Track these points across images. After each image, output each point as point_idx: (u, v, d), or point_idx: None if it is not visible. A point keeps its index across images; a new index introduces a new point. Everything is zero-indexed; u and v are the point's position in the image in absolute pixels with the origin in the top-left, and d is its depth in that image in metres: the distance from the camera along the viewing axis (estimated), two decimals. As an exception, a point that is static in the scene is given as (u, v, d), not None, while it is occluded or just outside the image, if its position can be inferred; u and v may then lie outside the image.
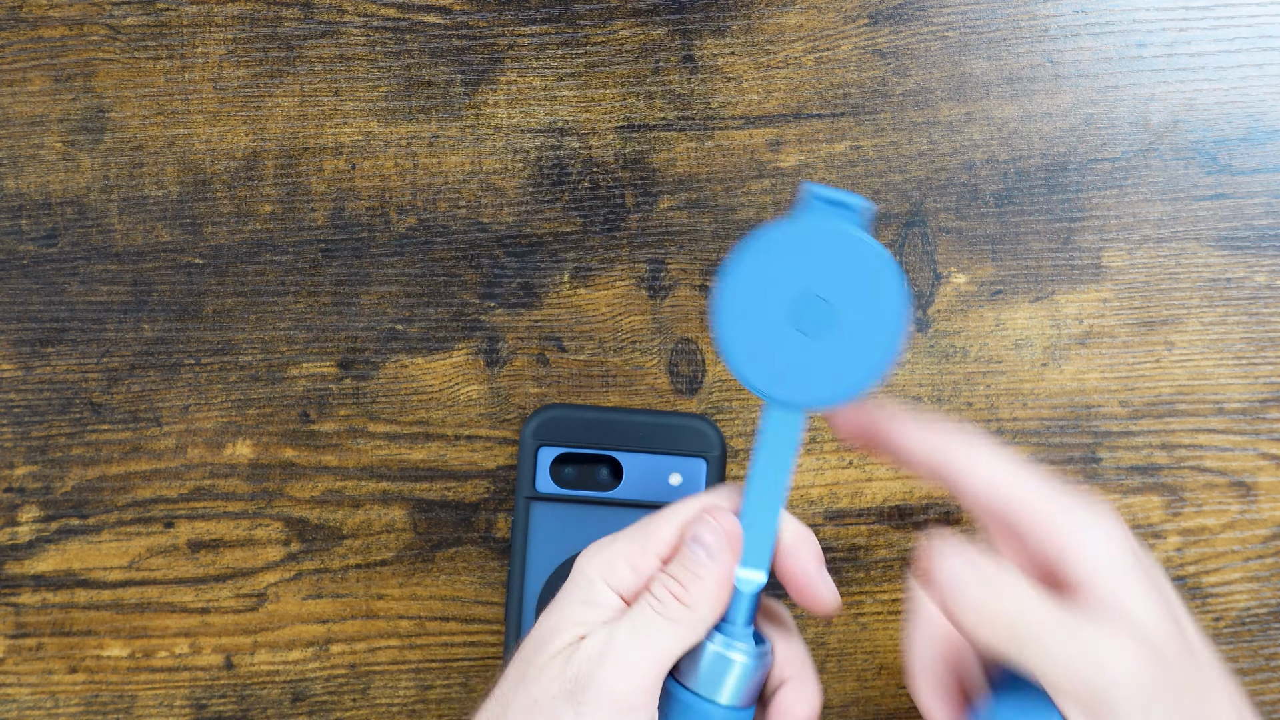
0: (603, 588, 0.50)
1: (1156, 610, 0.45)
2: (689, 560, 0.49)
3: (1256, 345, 0.65)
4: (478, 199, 0.66)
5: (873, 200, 0.65)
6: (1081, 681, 0.44)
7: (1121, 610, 0.45)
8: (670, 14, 0.65)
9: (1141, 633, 0.44)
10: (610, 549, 0.50)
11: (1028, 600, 0.45)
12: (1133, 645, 0.44)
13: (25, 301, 0.66)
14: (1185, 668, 0.45)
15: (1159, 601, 0.46)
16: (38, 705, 0.66)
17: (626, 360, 0.66)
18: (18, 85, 0.66)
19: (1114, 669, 0.43)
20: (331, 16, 0.66)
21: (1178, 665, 0.45)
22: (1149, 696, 0.44)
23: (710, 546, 0.49)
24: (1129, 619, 0.45)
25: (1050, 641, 0.44)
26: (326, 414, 0.66)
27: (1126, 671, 0.44)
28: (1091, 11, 0.65)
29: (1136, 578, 0.46)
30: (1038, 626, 0.44)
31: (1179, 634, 0.46)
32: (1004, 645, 0.45)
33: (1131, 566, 0.46)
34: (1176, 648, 0.45)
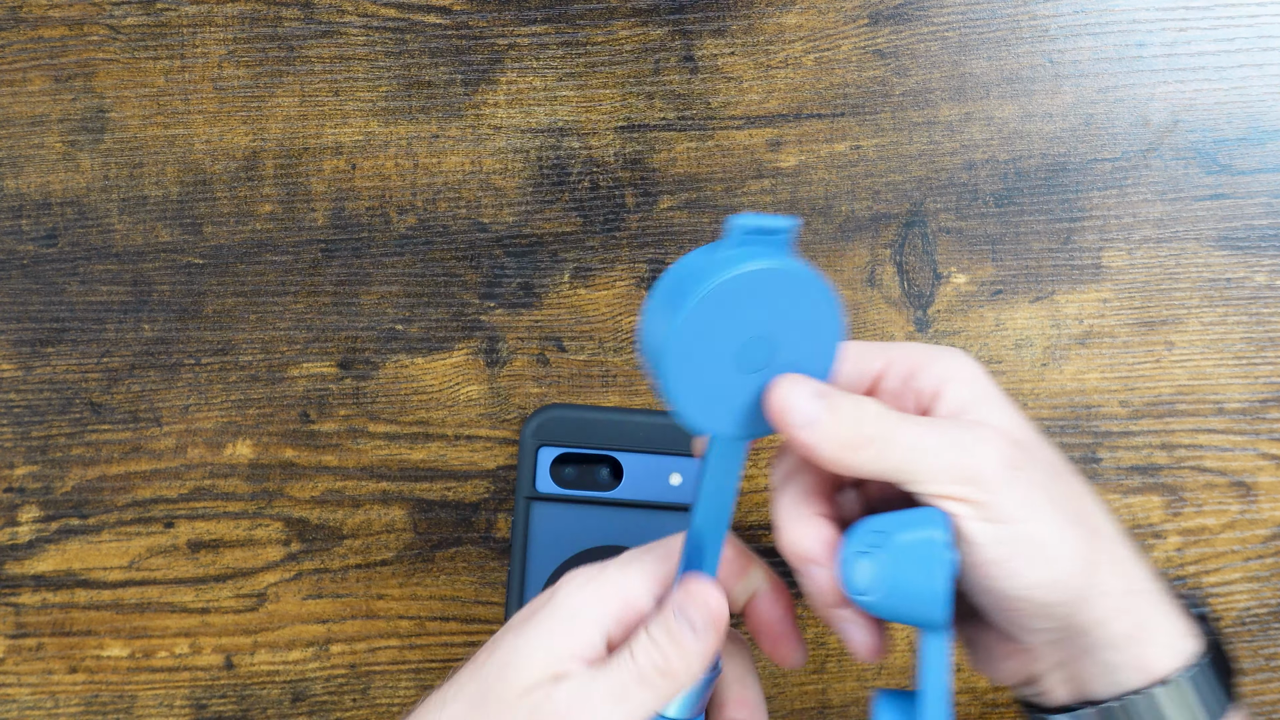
0: (588, 625, 0.50)
1: (1017, 419, 0.50)
2: (675, 634, 0.50)
3: (1256, 345, 0.65)
4: (478, 199, 0.66)
5: (796, 217, 0.65)
6: (954, 468, 0.47)
7: (987, 419, 0.50)
8: (670, 14, 0.65)
9: (1005, 431, 0.49)
10: (602, 586, 0.50)
11: (889, 415, 0.48)
12: (997, 436, 0.48)
13: (25, 301, 0.66)
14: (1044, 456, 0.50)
15: (1018, 415, 0.50)
16: (38, 705, 0.66)
17: (626, 360, 0.66)
18: (18, 85, 0.66)
19: (983, 452, 0.48)
20: (331, 16, 0.66)
21: (1038, 453, 0.50)
22: (1014, 469, 0.48)
23: (697, 625, 0.50)
24: (994, 423, 0.49)
25: (922, 443, 0.48)
26: (326, 414, 0.66)
27: (994, 451, 0.48)
28: (1091, 11, 0.65)
29: (998, 399, 0.50)
30: (906, 433, 0.48)
31: (1037, 437, 0.50)
32: (873, 460, 0.48)
33: (994, 392, 0.50)
34: (1036, 443, 0.50)
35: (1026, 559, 0.48)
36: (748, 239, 0.46)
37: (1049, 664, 0.52)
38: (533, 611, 0.51)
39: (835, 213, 0.65)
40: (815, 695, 0.65)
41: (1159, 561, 0.65)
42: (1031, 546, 0.48)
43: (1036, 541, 0.48)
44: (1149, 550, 0.65)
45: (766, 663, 0.65)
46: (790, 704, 0.65)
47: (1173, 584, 0.54)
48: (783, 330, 0.47)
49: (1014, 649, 0.53)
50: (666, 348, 0.46)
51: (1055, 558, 0.49)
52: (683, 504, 0.64)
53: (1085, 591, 0.49)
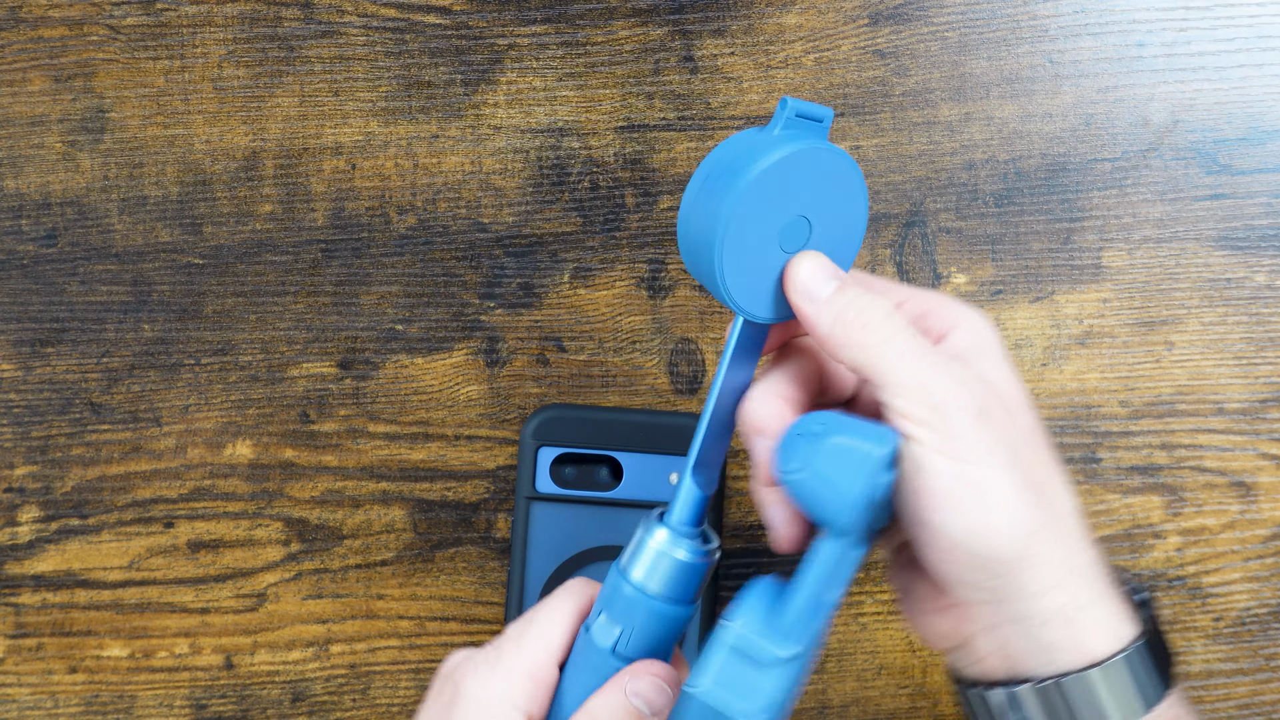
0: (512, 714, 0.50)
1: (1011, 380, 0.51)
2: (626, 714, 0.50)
3: (1256, 345, 0.65)
4: (478, 199, 0.66)
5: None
6: (927, 392, 0.48)
7: (982, 369, 0.50)
8: (670, 14, 0.65)
9: (992, 382, 0.50)
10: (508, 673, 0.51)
11: (895, 319, 0.49)
12: (979, 382, 0.49)
13: (25, 301, 0.66)
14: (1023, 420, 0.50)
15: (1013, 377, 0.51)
16: (38, 705, 0.66)
17: (626, 360, 0.66)
18: (18, 85, 0.66)
19: (960, 391, 0.48)
20: (331, 16, 0.66)
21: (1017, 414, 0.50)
22: (984, 415, 0.48)
23: (655, 706, 0.50)
24: (985, 374, 0.50)
25: (909, 357, 0.48)
26: (326, 414, 0.66)
27: (969, 394, 0.48)
28: (1091, 11, 0.65)
29: (999, 357, 0.51)
30: (901, 342, 0.49)
31: (1024, 401, 0.51)
32: (859, 350, 0.49)
33: (997, 350, 0.51)
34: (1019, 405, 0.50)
35: (969, 500, 0.48)
36: (795, 122, 0.48)
37: (980, 626, 0.51)
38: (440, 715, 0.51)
39: (835, 213, 0.65)
40: (815, 695, 0.65)
41: (1159, 561, 0.65)
42: (977, 490, 0.48)
43: (983, 487, 0.48)
44: (1149, 550, 0.65)
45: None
46: (790, 704, 0.65)
47: (1122, 570, 0.54)
48: (819, 213, 0.49)
49: (946, 604, 0.52)
50: (723, 220, 0.47)
51: (997, 508, 0.48)
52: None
53: (1022, 553, 0.49)
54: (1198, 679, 0.65)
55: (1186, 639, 0.65)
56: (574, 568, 0.64)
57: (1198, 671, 0.65)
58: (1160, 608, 0.63)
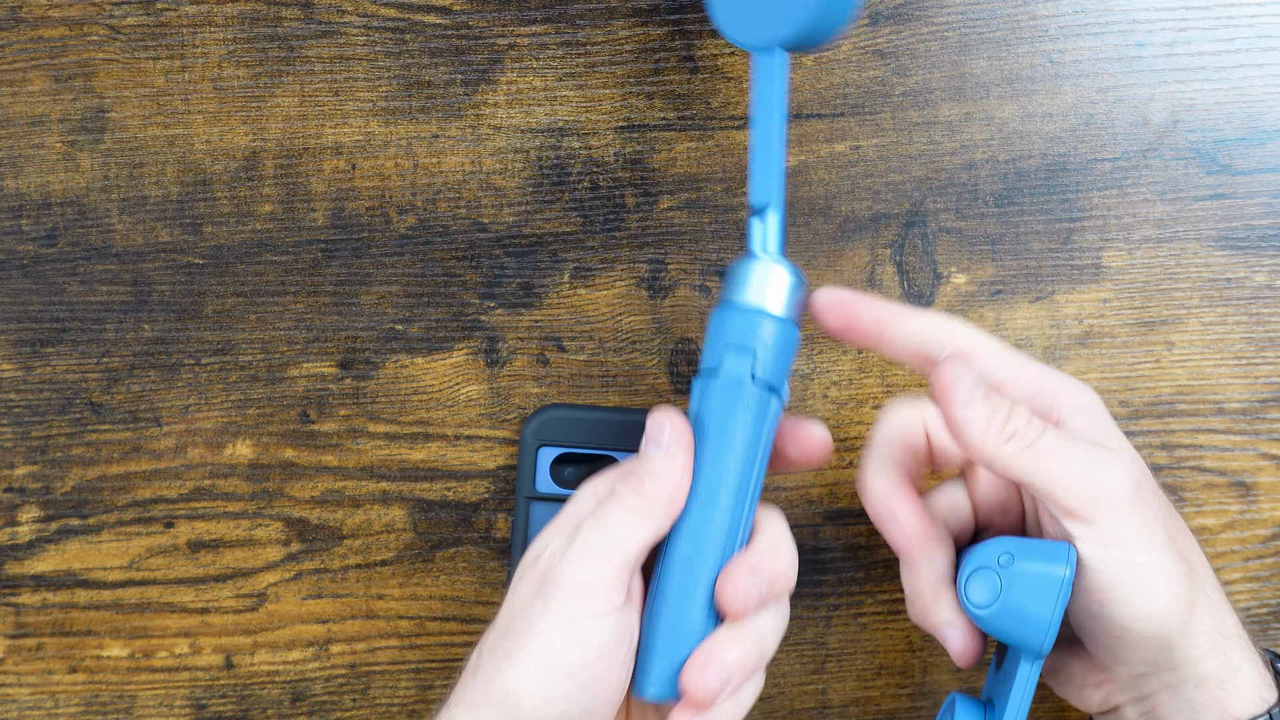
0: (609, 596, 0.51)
1: (1134, 454, 0.53)
2: (646, 460, 0.52)
3: (1256, 345, 0.65)
4: (478, 199, 0.66)
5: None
6: (1087, 484, 0.50)
7: (1109, 444, 0.52)
8: (670, 14, 0.65)
9: (1127, 455, 0.52)
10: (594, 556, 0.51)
11: (1037, 421, 0.51)
12: (1128, 461, 0.51)
13: (25, 301, 0.66)
14: (1157, 491, 0.53)
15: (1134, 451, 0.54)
16: (38, 705, 0.66)
17: (626, 360, 0.66)
18: (18, 85, 0.66)
19: (1114, 475, 0.50)
20: (331, 16, 0.66)
21: (1152, 488, 0.52)
22: (1138, 496, 0.50)
23: (665, 445, 0.52)
24: (1117, 449, 0.52)
25: (1061, 453, 0.50)
26: (326, 414, 0.66)
27: (1124, 475, 0.50)
28: (1091, 11, 0.65)
29: (1118, 434, 0.54)
30: (1049, 440, 0.51)
31: (1149, 473, 0.53)
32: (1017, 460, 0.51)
33: (1114, 428, 0.54)
34: (1149, 477, 0.53)
35: (1136, 589, 0.50)
36: None
37: (1132, 695, 0.54)
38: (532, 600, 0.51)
39: (835, 213, 0.65)
40: (815, 695, 0.65)
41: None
42: (1142, 576, 0.50)
43: (1147, 572, 0.50)
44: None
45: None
46: (790, 704, 0.65)
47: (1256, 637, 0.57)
48: None
49: (1102, 678, 0.54)
50: None
51: (1163, 591, 0.50)
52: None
53: (1184, 628, 0.51)
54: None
55: (1186, 639, 0.65)
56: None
57: (1198, 671, 0.65)
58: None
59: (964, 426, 0.51)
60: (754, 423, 0.53)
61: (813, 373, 0.65)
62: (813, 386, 0.65)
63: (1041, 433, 0.51)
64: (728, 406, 0.53)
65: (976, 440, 0.51)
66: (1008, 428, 0.51)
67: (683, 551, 0.52)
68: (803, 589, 0.65)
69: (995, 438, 0.51)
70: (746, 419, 0.53)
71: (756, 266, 0.54)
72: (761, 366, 0.53)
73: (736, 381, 0.53)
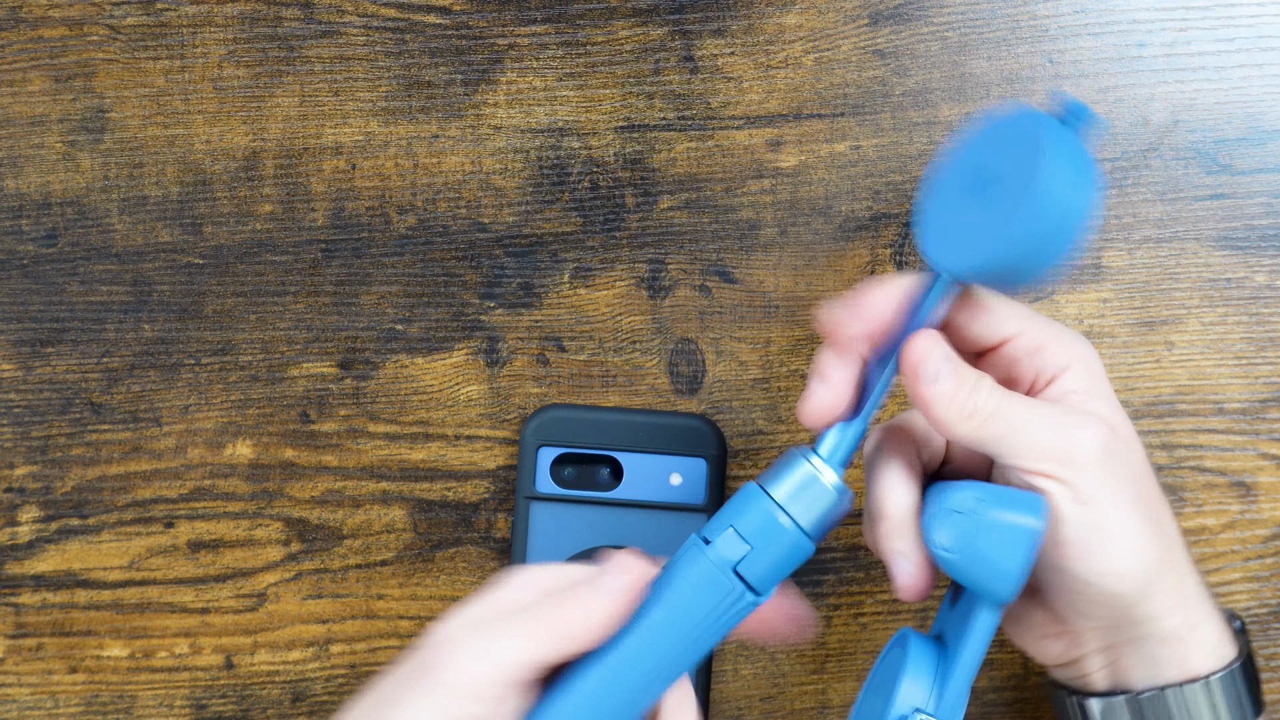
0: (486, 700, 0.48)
1: (1120, 415, 0.54)
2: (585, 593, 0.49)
3: (1256, 345, 0.65)
4: (478, 199, 0.66)
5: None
6: (1052, 447, 0.50)
7: (1094, 409, 0.53)
8: (670, 14, 0.65)
9: (1107, 419, 0.52)
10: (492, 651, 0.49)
11: (999, 390, 0.52)
12: (1098, 423, 0.51)
13: (25, 301, 0.66)
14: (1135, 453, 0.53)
15: (1121, 412, 0.54)
16: (38, 705, 0.66)
17: (626, 360, 0.66)
18: (18, 85, 0.66)
19: (1083, 436, 0.51)
20: (331, 16, 0.66)
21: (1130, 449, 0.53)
22: (1108, 455, 0.51)
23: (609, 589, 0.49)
24: (1096, 414, 0.52)
25: (1025, 421, 0.51)
26: (326, 414, 0.66)
27: (1092, 436, 0.51)
28: (1091, 11, 0.65)
29: (1107, 394, 0.54)
30: (1013, 410, 0.51)
31: (1133, 436, 0.54)
32: (976, 429, 0.51)
33: (1105, 387, 0.54)
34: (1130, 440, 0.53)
35: (1104, 545, 0.51)
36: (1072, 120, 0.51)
37: (1093, 648, 0.54)
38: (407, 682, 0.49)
39: (835, 213, 0.65)
40: (815, 695, 0.65)
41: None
42: (1111, 533, 0.51)
43: (1116, 529, 0.51)
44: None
45: (766, 663, 0.65)
46: (790, 704, 0.65)
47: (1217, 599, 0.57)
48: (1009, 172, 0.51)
49: (1063, 629, 0.55)
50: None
51: (1129, 549, 0.51)
52: (682, 504, 0.64)
53: (1149, 586, 0.52)
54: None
55: (1186, 639, 0.65)
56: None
57: (1198, 671, 0.65)
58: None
59: (929, 403, 0.51)
60: (711, 612, 0.50)
61: (813, 373, 0.65)
62: (813, 386, 0.65)
63: (1005, 399, 0.51)
64: (697, 587, 0.50)
65: (940, 417, 0.51)
66: (969, 402, 0.51)
67: (583, 688, 0.50)
68: (803, 589, 0.65)
69: (958, 413, 0.51)
70: (705, 606, 0.50)
71: (808, 472, 0.51)
72: (751, 565, 0.50)
73: (718, 568, 0.50)
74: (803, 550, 0.51)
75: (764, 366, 0.65)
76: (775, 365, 0.65)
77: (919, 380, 0.51)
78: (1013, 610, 0.57)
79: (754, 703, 0.65)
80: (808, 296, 0.65)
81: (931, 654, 0.52)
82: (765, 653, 0.65)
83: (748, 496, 0.51)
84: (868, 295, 0.53)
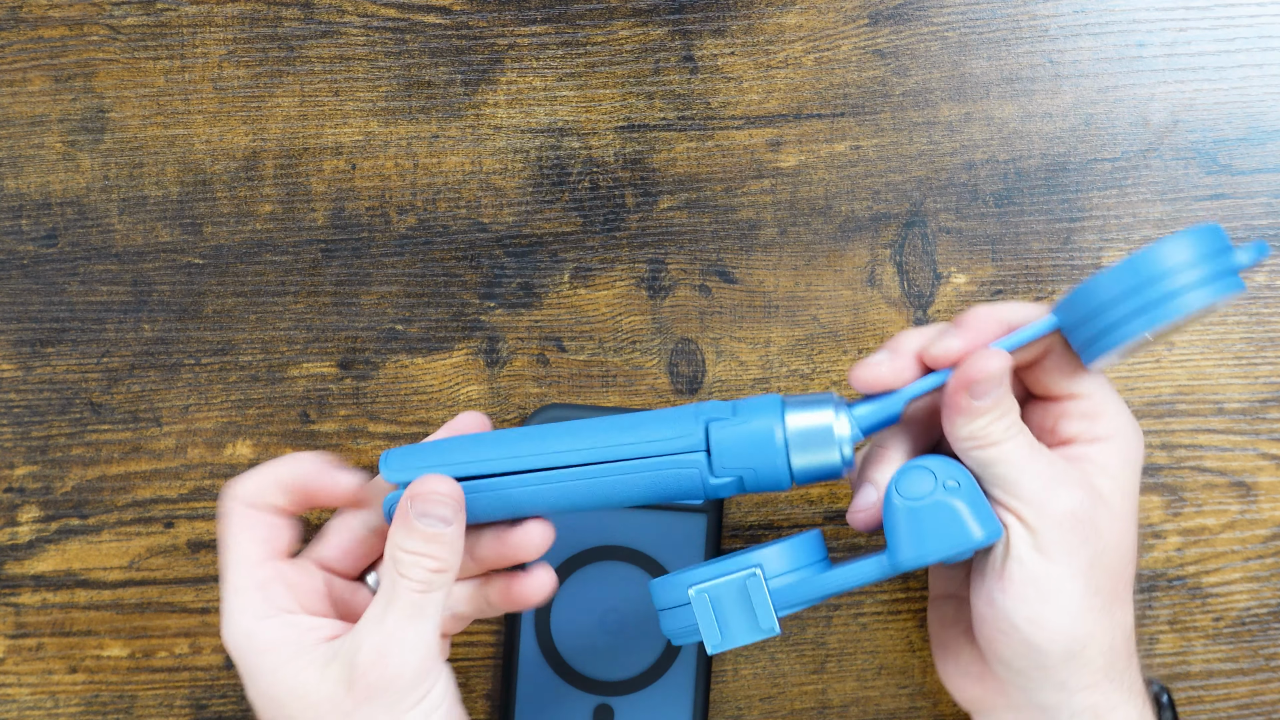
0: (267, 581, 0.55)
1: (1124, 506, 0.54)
2: (428, 532, 0.52)
3: (1256, 345, 0.65)
4: (478, 199, 0.66)
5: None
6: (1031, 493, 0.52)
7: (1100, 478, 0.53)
8: (670, 14, 0.65)
9: (1101, 496, 0.53)
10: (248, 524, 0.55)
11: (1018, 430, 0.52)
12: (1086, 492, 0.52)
13: (25, 301, 0.66)
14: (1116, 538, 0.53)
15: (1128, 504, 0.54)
16: (38, 705, 0.66)
17: (626, 360, 0.66)
18: (18, 85, 0.66)
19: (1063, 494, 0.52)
20: (331, 16, 0.66)
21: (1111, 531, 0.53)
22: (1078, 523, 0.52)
23: (446, 516, 0.52)
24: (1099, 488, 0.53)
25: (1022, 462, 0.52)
26: (326, 414, 0.66)
27: (1071, 499, 0.52)
28: (1091, 11, 0.65)
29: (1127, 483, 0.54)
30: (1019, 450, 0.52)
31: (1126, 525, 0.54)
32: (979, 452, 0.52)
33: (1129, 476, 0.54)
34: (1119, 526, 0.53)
35: (1040, 594, 0.52)
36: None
37: (1008, 702, 0.56)
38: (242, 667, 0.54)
39: (835, 213, 0.65)
40: (815, 695, 0.65)
41: (1159, 561, 0.65)
42: (1050, 588, 0.52)
43: (1056, 586, 0.52)
44: (1149, 550, 0.65)
45: (766, 663, 0.65)
46: (790, 704, 0.65)
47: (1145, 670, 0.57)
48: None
49: (981, 672, 0.56)
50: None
51: (1064, 608, 0.52)
52: (682, 504, 0.64)
53: (1071, 654, 0.52)
54: (1198, 679, 0.65)
55: (1186, 639, 0.65)
56: (574, 567, 0.64)
57: (1197, 671, 0.65)
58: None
59: (960, 411, 0.52)
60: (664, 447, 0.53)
61: (813, 372, 0.65)
62: (812, 387, 0.65)
63: (1011, 435, 0.52)
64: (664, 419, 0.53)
65: (957, 426, 0.52)
66: (989, 429, 0.52)
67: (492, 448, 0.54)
68: (803, 589, 0.65)
69: (972, 429, 0.52)
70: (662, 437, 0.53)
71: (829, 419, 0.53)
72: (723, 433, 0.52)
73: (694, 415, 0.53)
74: (776, 471, 0.52)
75: (764, 366, 0.65)
76: (775, 365, 0.65)
77: (966, 393, 0.52)
78: (937, 631, 0.58)
79: (754, 703, 0.65)
80: (808, 296, 0.65)
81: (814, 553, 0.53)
82: (765, 653, 0.65)
83: (766, 399, 0.53)
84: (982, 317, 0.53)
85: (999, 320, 0.53)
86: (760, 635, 0.52)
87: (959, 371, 0.52)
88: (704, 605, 0.52)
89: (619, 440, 0.53)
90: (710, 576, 0.52)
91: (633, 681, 0.64)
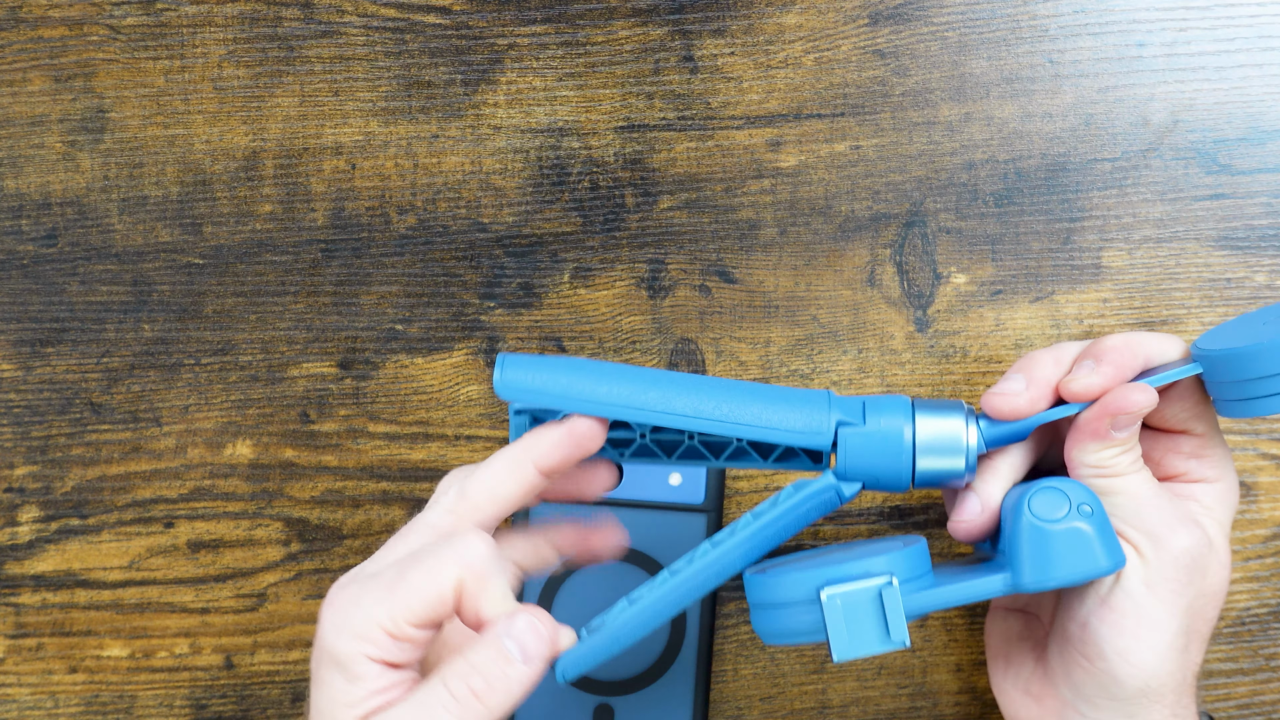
0: (362, 663, 0.48)
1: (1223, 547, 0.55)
2: (499, 659, 0.48)
3: (1256, 345, 0.65)
4: (478, 199, 0.66)
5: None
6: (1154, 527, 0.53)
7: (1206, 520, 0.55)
8: (670, 14, 0.65)
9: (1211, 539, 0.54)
10: (360, 620, 0.49)
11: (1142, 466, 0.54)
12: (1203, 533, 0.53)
13: (25, 301, 0.66)
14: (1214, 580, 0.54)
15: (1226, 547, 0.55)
16: (38, 705, 0.66)
17: (626, 360, 0.66)
18: (18, 85, 0.66)
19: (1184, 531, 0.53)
20: (331, 16, 0.66)
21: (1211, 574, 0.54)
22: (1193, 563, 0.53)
23: (529, 651, 0.49)
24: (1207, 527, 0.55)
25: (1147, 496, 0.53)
26: (326, 414, 0.66)
27: (1190, 539, 0.53)
28: (1091, 11, 0.65)
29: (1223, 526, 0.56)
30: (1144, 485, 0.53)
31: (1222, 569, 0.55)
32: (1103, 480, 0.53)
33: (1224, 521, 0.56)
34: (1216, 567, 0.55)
35: (1137, 629, 0.52)
36: None
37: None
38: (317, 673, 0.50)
39: (835, 213, 0.65)
40: (815, 695, 0.65)
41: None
42: (1149, 624, 0.52)
43: (1157, 623, 0.52)
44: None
45: (766, 663, 0.65)
46: (790, 704, 0.65)
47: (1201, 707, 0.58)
48: None
49: (1043, 693, 0.57)
50: None
51: (1157, 646, 0.53)
52: (681, 504, 0.64)
53: (1149, 691, 0.53)
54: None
55: (1186, 639, 0.65)
56: (574, 567, 0.64)
57: (1198, 671, 0.65)
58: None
59: (1095, 437, 0.53)
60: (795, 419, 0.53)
61: (813, 372, 0.65)
62: (812, 387, 0.65)
63: (1136, 469, 0.53)
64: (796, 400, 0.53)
65: (1087, 451, 0.53)
66: (1118, 460, 0.53)
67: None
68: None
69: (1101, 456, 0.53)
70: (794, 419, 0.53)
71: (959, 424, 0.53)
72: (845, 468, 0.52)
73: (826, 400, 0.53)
74: (899, 474, 0.53)
75: (764, 366, 0.65)
76: (775, 365, 0.65)
77: (1109, 422, 0.52)
78: (1008, 649, 0.58)
79: (754, 703, 0.65)
80: (808, 296, 0.65)
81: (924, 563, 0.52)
82: (765, 652, 0.65)
83: (894, 400, 0.53)
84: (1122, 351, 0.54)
85: (1138, 355, 0.54)
86: (889, 647, 0.50)
87: (1106, 400, 0.52)
88: (835, 610, 0.50)
89: (749, 415, 0.52)
90: (834, 579, 0.50)
91: (633, 681, 0.64)
